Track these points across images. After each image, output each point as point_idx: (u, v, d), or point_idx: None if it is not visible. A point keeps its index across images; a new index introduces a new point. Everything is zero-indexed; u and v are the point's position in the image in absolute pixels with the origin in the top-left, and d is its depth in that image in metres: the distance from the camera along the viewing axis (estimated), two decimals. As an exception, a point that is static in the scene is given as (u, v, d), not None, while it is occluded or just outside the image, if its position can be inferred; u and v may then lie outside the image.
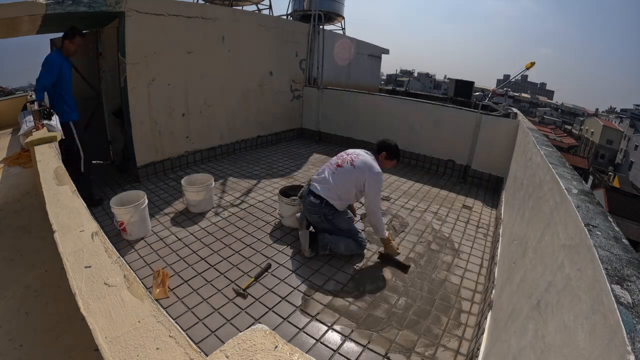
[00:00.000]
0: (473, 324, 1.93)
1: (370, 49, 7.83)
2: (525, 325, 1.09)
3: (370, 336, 1.80)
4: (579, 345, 0.72)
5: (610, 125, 33.58)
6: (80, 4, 2.79)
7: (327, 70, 6.00)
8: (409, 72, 70.30)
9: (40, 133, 2.47)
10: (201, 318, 1.85)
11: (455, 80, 7.63)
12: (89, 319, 0.75)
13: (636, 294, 0.69)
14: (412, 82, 46.75)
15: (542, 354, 0.88)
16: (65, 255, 1.01)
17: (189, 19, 3.74)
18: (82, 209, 1.33)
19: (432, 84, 63.13)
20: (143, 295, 0.83)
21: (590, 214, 1.07)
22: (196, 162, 4.33)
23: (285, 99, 5.59)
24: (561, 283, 0.96)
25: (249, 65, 4.73)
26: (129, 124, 3.49)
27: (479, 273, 2.43)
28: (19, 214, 2.48)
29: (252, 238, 2.68)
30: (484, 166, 4.25)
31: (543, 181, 1.74)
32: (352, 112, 5.44)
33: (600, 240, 0.90)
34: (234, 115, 4.73)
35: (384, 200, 3.54)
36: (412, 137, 4.89)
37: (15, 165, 3.45)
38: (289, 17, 7.93)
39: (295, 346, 0.61)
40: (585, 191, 1.30)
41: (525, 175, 2.39)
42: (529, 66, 5.97)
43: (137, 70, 3.39)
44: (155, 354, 0.65)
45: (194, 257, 2.41)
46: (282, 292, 2.09)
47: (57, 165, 1.85)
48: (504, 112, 4.65)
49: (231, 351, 0.58)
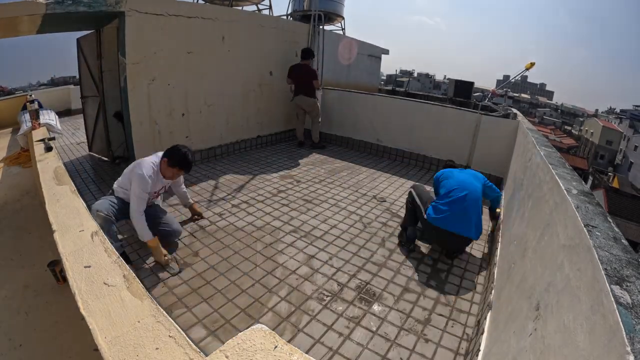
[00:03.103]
0: (472, 324, 1.93)
1: (370, 49, 7.83)
2: (525, 326, 1.10)
3: (370, 337, 1.80)
4: (578, 346, 0.72)
5: (610, 126, 33.63)
6: (80, 3, 2.79)
7: (327, 71, 6.00)
8: (409, 73, 70.35)
9: (40, 133, 2.47)
10: (201, 318, 1.85)
11: (455, 80, 7.64)
12: (89, 319, 0.75)
13: (635, 295, 0.69)
14: (412, 82, 46.76)
15: (542, 354, 0.88)
16: (65, 255, 1.01)
17: (189, 19, 3.74)
18: (82, 209, 1.33)
19: (432, 84, 63.21)
20: (143, 295, 0.83)
21: (589, 214, 1.08)
22: (196, 162, 4.32)
23: (285, 99, 5.59)
24: (561, 283, 0.96)
25: (249, 65, 4.73)
26: (129, 124, 3.49)
27: (478, 273, 2.43)
28: (19, 214, 2.48)
29: (251, 238, 2.68)
30: (483, 166, 4.25)
31: (543, 181, 1.74)
32: (351, 112, 5.44)
33: (599, 241, 0.90)
34: (234, 115, 4.73)
35: (382, 202, 3.54)
36: (411, 138, 4.89)
37: (15, 164, 3.46)
38: (289, 17, 7.93)
39: (295, 346, 0.61)
40: (584, 192, 1.30)
41: (525, 176, 2.39)
42: (529, 67, 5.97)
43: (137, 70, 3.39)
44: (155, 354, 0.65)
45: (193, 257, 2.40)
46: (282, 292, 2.09)
47: (57, 165, 1.85)
48: (503, 112, 4.66)
49: (231, 351, 0.58)
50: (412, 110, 4.86)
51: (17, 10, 2.47)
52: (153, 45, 3.47)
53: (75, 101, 8.01)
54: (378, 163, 4.90)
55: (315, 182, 3.98)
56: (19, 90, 20.65)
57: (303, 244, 2.65)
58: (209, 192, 3.52)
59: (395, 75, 27.96)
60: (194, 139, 4.23)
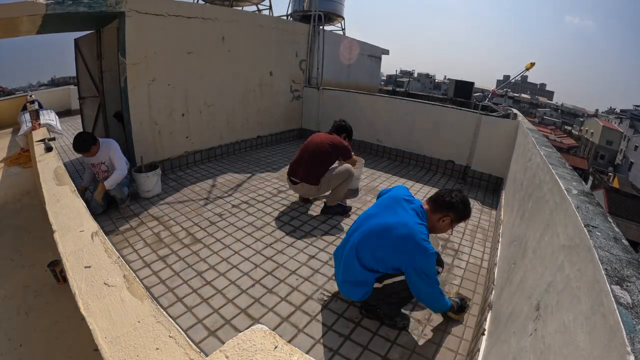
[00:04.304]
0: (473, 324, 1.93)
1: (370, 49, 7.84)
2: (525, 326, 1.09)
3: (370, 337, 1.80)
4: (578, 346, 0.72)
5: (610, 126, 33.62)
6: (80, 4, 2.79)
7: (327, 71, 6.01)
8: (409, 73, 70.38)
9: (40, 133, 2.47)
10: (201, 318, 1.85)
11: (455, 80, 7.64)
12: (89, 319, 0.75)
13: (636, 295, 0.69)
14: (412, 82, 46.78)
15: (542, 354, 0.88)
16: (65, 255, 1.01)
17: (189, 19, 3.74)
18: (82, 209, 1.33)
19: (432, 84, 63.23)
20: (143, 296, 0.83)
21: (590, 214, 1.08)
22: (196, 163, 4.34)
23: (285, 100, 5.59)
24: (561, 284, 0.96)
25: (249, 66, 4.73)
26: (129, 124, 3.49)
27: (478, 273, 2.43)
28: (19, 214, 2.48)
29: (251, 239, 2.68)
30: (483, 167, 4.25)
31: (543, 182, 1.74)
32: (351, 112, 5.43)
33: (600, 241, 0.90)
34: (234, 116, 4.73)
35: None
36: (411, 138, 4.89)
37: (15, 165, 3.46)
38: (289, 17, 7.94)
39: (295, 346, 0.61)
40: (585, 192, 1.30)
41: (525, 176, 2.39)
42: (529, 67, 5.97)
43: (137, 71, 3.40)
44: (155, 354, 0.65)
45: (193, 257, 2.41)
46: (282, 292, 2.09)
47: (57, 166, 1.85)
48: (503, 112, 4.65)
49: (231, 351, 0.58)
50: (412, 111, 4.86)
51: (17, 10, 2.47)
52: (153, 46, 3.47)
53: (75, 101, 7.99)
54: (378, 163, 4.91)
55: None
56: (19, 90, 20.66)
57: (303, 244, 2.65)
58: (209, 192, 3.52)
59: (395, 75, 27.93)
60: (194, 139, 4.23)
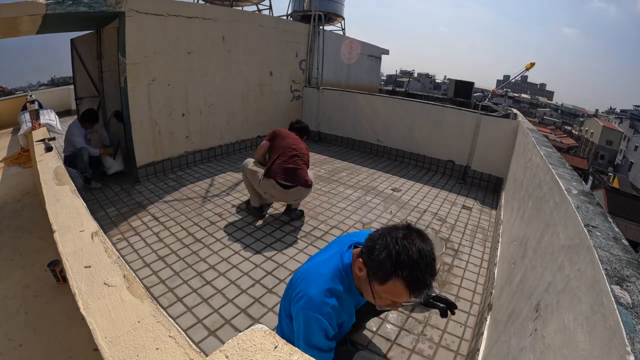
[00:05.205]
0: (473, 324, 1.93)
1: (370, 49, 7.84)
2: (525, 326, 1.09)
3: (370, 337, 1.80)
4: (578, 346, 0.72)
5: (610, 126, 33.62)
6: (80, 4, 2.79)
7: (327, 71, 6.01)
8: (409, 73, 70.40)
9: (40, 133, 2.47)
10: (201, 318, 1.86)
11: (455, 80, 7.63)
12: (89, 319, 0.75)
13: (636, 295, 0.69)
14: (412, 82, 46.79)
15: (542, 354, 0.88)
16: (65, 255, 1.01)
17: (189, 19, 3.74)
18: (82, 208, 1.33)
19: (432, 84, 63.23)
20: (143, 295, 0.83)
21: (590, 214, 1.08)
22: (196, 162, 4.34)
23: (285, 99, 5.59)
24: (561, 283, 0.96)
25: (249, 66, 4.73)
26: (129, 124, 3.49)
27: (478, 273, 2.43)
28: (19, 214, 2.48)
29: (251, 239, 2.68)
30: (483, 167, 4.25)
31: (543, 182, 1.74)
32: (351, 112, 5.44)
33: (600, 241, 0.90)
34: (234, 116, 4.73)
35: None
36: (411, 138, 4.90)
37: (15, 165, 3.46)
38: (289, 17, 7.94)
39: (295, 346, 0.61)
40: (585, 192, 1.30)
41: (525, 176, 2.39)
42: (529, 67, 5.97)
43: (137, 71, 3.40)
44: (155, 354, 0.65)
45: (193, 257, 2.41)
46: (282, 292, 2.09)
47: (57, 165, 1.85)
48: (503, 112, 4.65)
49: (231, 351, 0.58)
50: (412, 111, 4.87)
51: (17, 10, 2.47)
52: (153, 46, 3.47)
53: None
54: (378, 163, 4.91)
55: (316, 182, 3.97)
56: (19, 90, 20.67)
57: (303, 244, 2.65)
58: (209, 192, 3.52)
59: (395, 75, 27.92)
60: (194, 139, 4.23)
